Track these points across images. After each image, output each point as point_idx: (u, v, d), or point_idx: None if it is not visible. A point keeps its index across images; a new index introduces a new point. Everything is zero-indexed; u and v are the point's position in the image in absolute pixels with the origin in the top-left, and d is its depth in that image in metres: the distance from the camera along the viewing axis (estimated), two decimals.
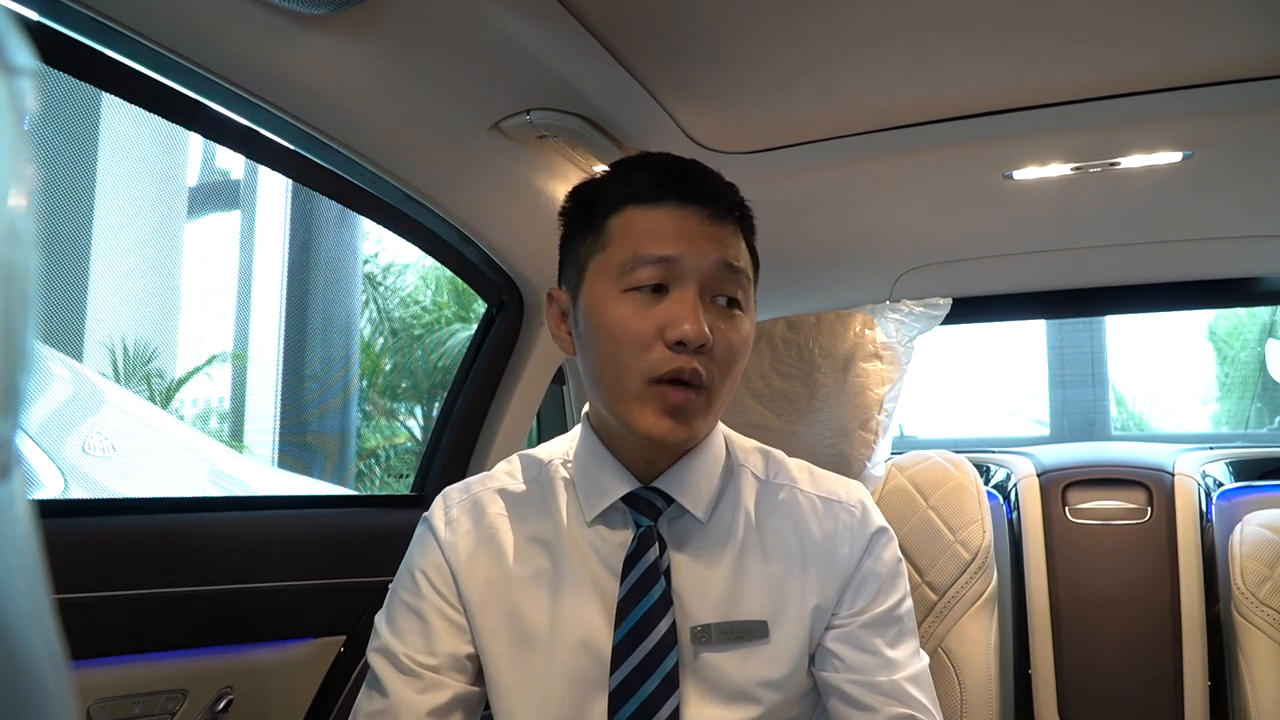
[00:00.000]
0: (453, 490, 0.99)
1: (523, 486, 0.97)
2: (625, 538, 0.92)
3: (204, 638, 1.16)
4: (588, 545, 0.92)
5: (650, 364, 0.84)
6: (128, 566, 1.09)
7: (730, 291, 0.88)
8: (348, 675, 1.32)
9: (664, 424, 0.85)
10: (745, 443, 1.02)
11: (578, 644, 0.89)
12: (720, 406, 0.90)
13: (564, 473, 0.97)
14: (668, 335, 0.83)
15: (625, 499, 0.92)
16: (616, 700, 0.86)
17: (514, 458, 1.02)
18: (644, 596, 0.88)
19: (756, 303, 0.94)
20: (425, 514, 0.98)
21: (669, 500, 0.92)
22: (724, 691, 0.88)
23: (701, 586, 0.91)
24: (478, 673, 0.92)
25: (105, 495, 2.29)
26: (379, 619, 0.93)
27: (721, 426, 1.00)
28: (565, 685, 0.88)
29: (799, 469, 1.00)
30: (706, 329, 0.83)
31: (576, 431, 1.00)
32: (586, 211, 0.91)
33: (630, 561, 0.90)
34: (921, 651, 0.95)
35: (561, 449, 1.00)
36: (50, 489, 2.12)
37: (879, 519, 0.97)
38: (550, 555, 0.92)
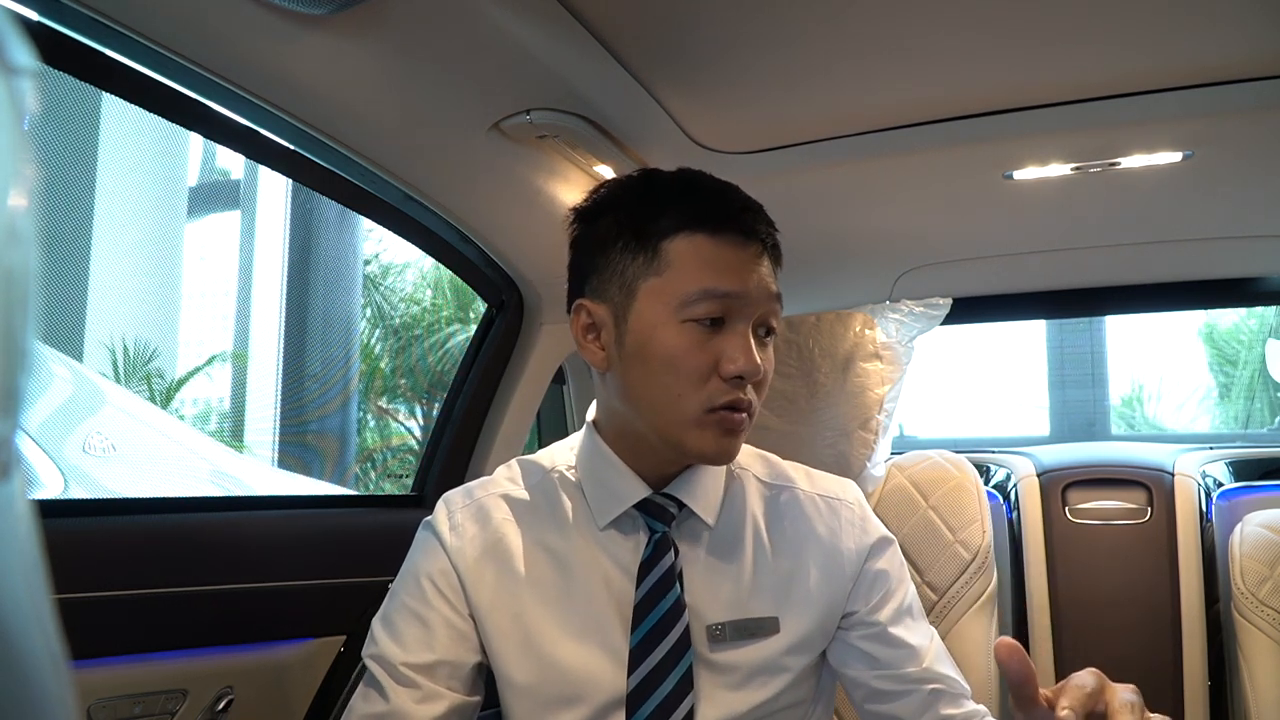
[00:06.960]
0: (454, 495, 0.99)
1: (526, 493, 0.98)
2: (637, 542, 0.93)
3: (204, 638, 1.16)
4: (600, 551, 0.93)
5: (708, 395, 0.86)
6: (128, 566, 1.09)
7: (773, 323, 0.91)
8: (348, 675, 1.32)
9: (723, 445, 0.88)
10: (745, 448, 1.03)
11: (593, 647, 0.90)
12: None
13: (570, 479, 0.98)
14: (725, 369, 0.85)
15: (638, 505, 0.93)
16: (634, 702, 0.87)
17: (513, 463, 1.02)
18: (660, 600, 0.89)
19: None
20: (428, 519, 0.97)
21: (680, 505, 0.94)
22: (737, 681, 0.91)
23: (714, 588, 0.93)
24: (474, 682, 0.92)
25: (105, 495, 2.30)
26: (376, 623, 0.93)
27: None
28: (580, 688, 0.89)
29: (795, 470, 1.04)
30: (760, 362, 0.86)
31: (575, 439, 1.01)
32: (633, 227, 0.89)
33: (646, 567, 0.91)
34: (930, 625, 1.00)
35: (563, 456, 1.01)
36: (50, 489, 2.12)
37: (876, 520, 1.02)
38: (560, 561, 0.93)
